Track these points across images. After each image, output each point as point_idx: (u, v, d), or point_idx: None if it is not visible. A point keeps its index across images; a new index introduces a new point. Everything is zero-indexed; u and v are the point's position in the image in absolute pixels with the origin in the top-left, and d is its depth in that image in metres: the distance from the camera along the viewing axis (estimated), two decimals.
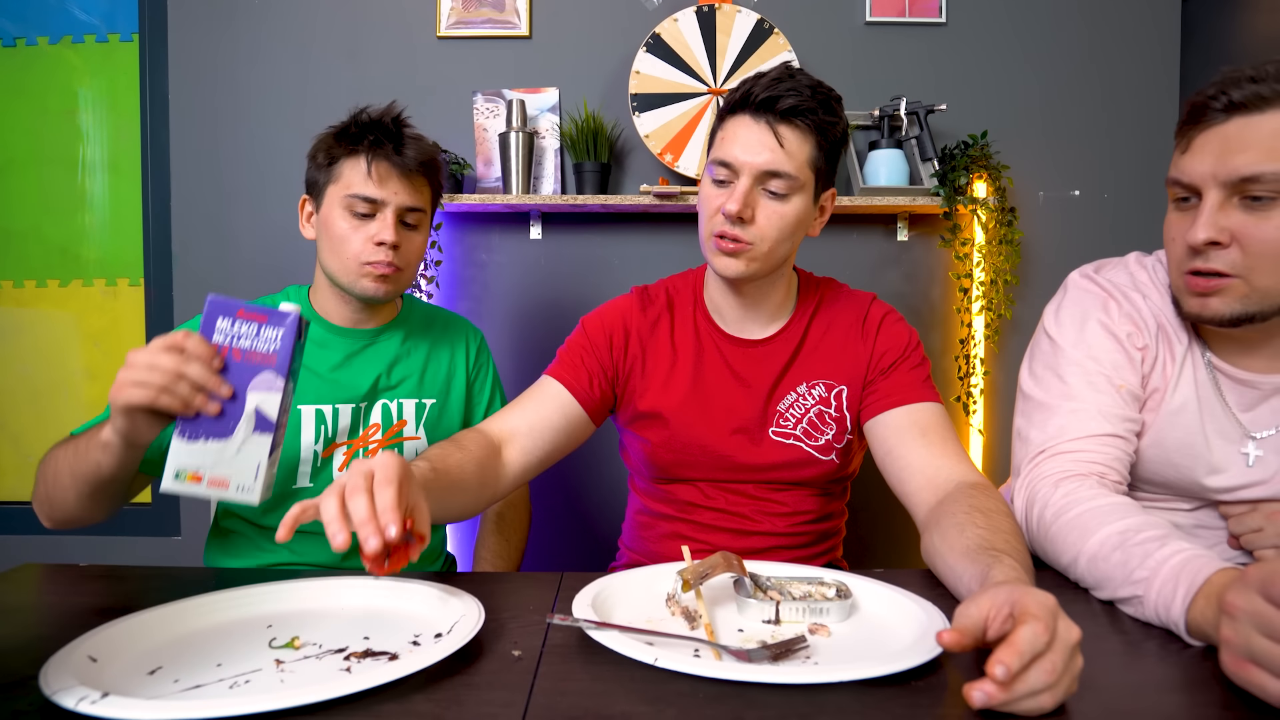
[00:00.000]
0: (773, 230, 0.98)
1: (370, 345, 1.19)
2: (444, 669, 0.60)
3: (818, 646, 0.66)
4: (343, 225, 1.09)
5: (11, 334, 2.08)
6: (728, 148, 0.97)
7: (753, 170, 0.96)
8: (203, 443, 0.74)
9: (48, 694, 0.52)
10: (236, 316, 0.75)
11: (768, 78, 0.96)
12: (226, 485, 0.74)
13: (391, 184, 1.09)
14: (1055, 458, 0.90)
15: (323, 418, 1.13)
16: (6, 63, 2.04)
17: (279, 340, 0.75)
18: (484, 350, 1.32)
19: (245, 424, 0.75)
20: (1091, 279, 1.00)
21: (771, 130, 0.95)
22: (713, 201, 0.99)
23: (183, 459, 0.74)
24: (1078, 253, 1.88)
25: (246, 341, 0.75)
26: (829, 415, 1.06)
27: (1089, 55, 1.89)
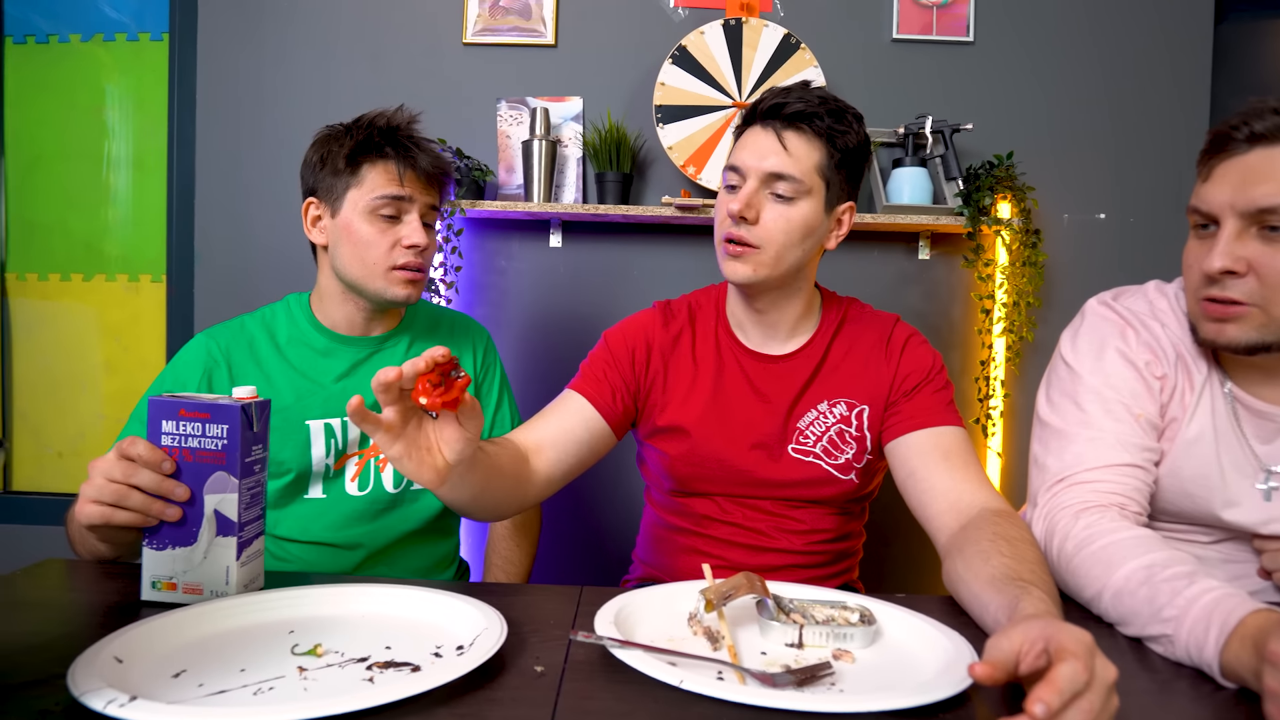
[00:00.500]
0: (779, 233, 0.99)
1: (376, 352, 1.18)
2: (466, 683, 0.59)
3: (843, 673, 0.66)
4: (368, 229, 1.09)
5: (35, 327, 2.10)
6: (738, 154, 1.02)
7: (758, 173, 0.98)
8: (170, 551, 0.75)
9: (76, 694, 0.52)
10: (179, 416, 0.73)
11: (777, 89, 1.00)
12: (200, 591, 0.75)
13: (417, 185, 1.11)
14: (1074, 487, 0.90)
15: (332, 431, 1.13)
16: (38, 59, 2.07)
17: (226, 436, 0.73)
18: (491, 351, 1.31)
19: (207, 528, 0.74)
20: (1110, 306, 0.99)
21: (776, 135, 0.98)
22: (723, 206, 1.02)
23: (155, 569, 0.75)
24: (1101, 276, 1.87)
25: (194, 441, 0.74)
26: (849, 434, 1.06)
27: (1119, 78, 1.88)
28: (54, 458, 2.11)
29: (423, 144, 1.12)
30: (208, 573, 0.75)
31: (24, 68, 2.07)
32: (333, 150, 1.11)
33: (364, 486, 1.14)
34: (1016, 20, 1.89)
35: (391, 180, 1.09)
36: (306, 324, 1.17)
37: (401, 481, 1.17)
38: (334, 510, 1.13)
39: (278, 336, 1.16)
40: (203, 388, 1.10)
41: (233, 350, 1.13)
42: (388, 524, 1.16)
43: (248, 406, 0.75)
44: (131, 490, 0.73)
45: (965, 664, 0.63)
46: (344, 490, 1.14)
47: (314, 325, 1.17)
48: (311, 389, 1.13)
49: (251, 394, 0.78)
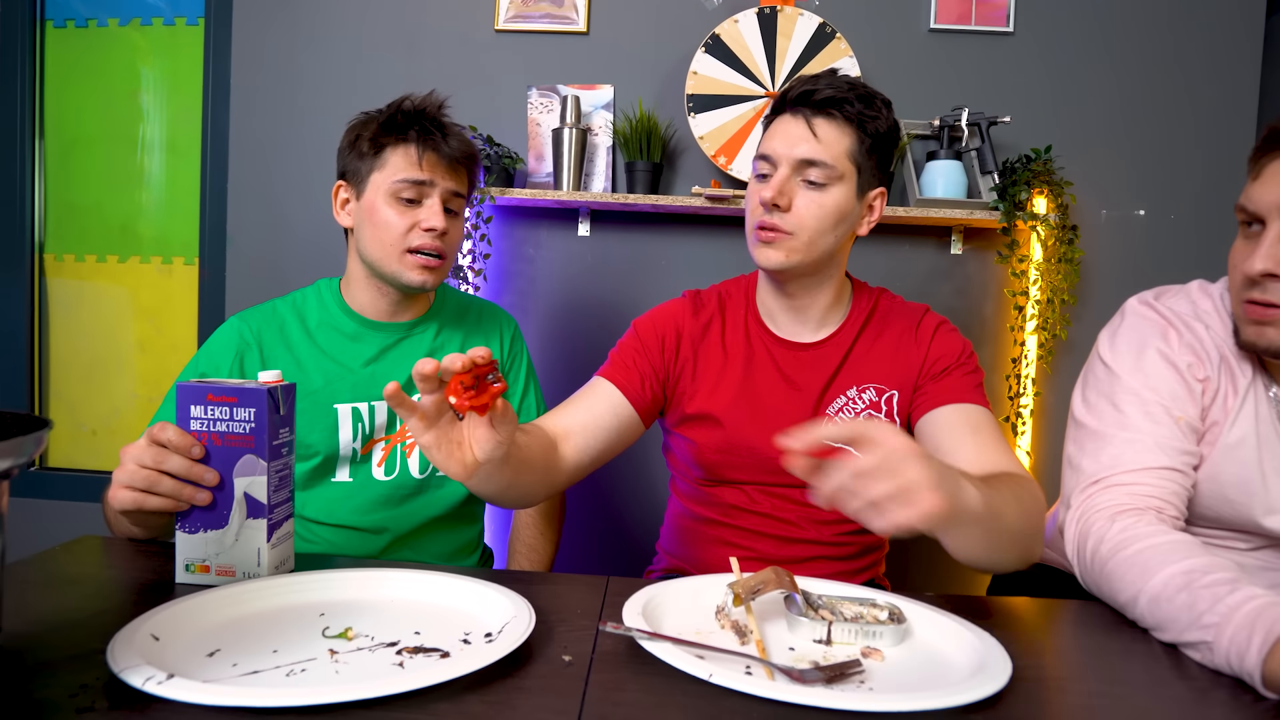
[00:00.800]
0: (811, 219, 0.99)
1: (405, 339, 1.19)
2: (495, 670, 0.60)
3: (872, 671, 0.65)
4: (388, 212, 1.10)
5: (72, 306, 2.15)
6: (768, 142, 1.02)
7: (789, 160, 0.99)
8: (202, 534, 0.76)
9: (115, 670, 0.53)
10: (208, 401, 0.74)
11: (806, 77, 1.01)
12: (233, 573, 0.76)
13: (439, 170, 1.11)
14: (1110, 489, 0.88)
15: (359, 415, 1.14)
16: (77, 42, 2.10)
17: (253, 419, 0.74)
18: (518, 339, 1.31)
19: (238, 511, 0.75)
20: (1151, 306, 0.97)
21: (806, 122, 0.99)
22: (754, 195, 1.02)
23: (188, 551, 0.76)
24: (1140, 274, 1.83)
25: (223, 425, 0.75)
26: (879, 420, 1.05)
27: (1162, 70, 1.83)
28: (89, 435, 2.16)
29: (449, 129, 1.12)
30: (239, 555, 0.76)
31: (64, 51, 2.11)
32: (361, 134, 1.12)
33: (390, 472, 1.15)
34: (1058, 11, 1.84)
35: (412, 164, 1.09)
36: (336, 308, 1.18)
37: (427, 468, 1.17)
38: (360, 494, 1.14)
39: (308, 320, 1.17)
40: (235, 370, 1.12)
41: (264, 333, 1.14)
42: (413, 509, 1.17)
43: (274, 390, 0.75)
44: (162, 476, 0.74)
45: (997, 665, 0.62)
46: (370, 475, 1.15)
47: (344, 310, 1.17)
48: (340, 373, 1.14)
49: (277, 377, 0.79)
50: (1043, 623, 0.80)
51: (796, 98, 1.00)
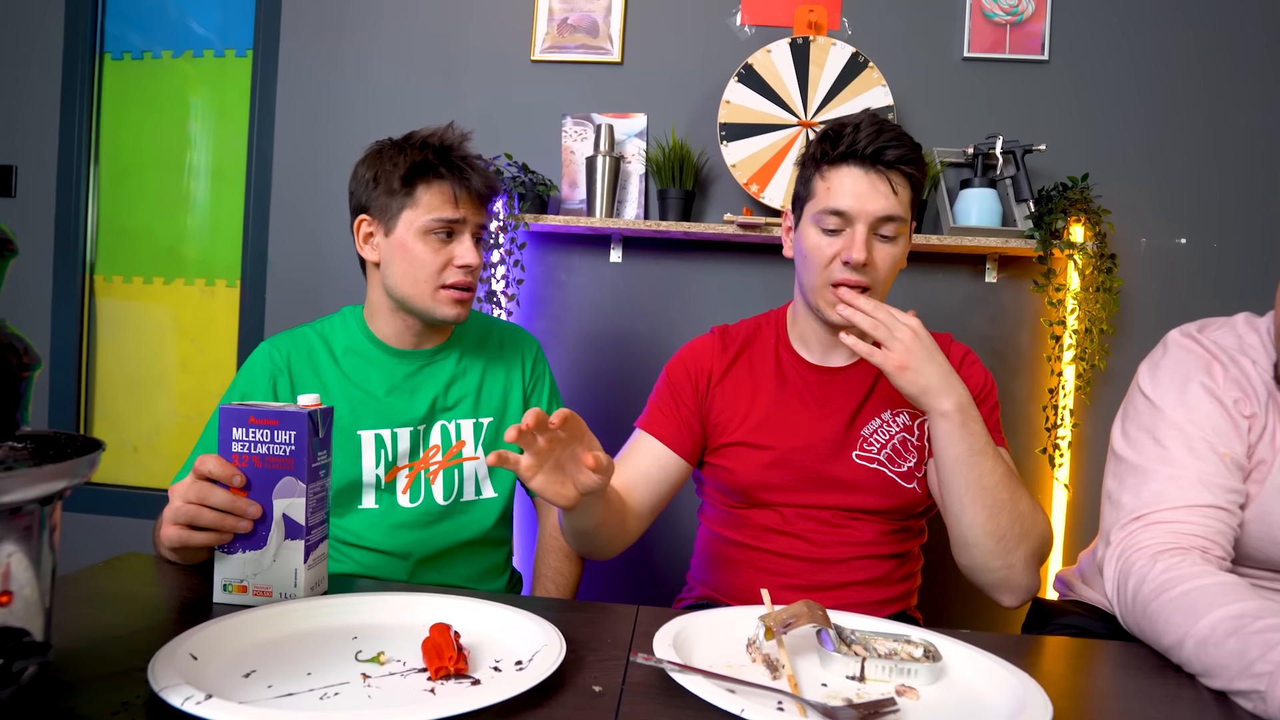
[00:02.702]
0: (886, 272, 1.04)
1: (426, 366, 1.19)
2: (526, 699, 0.59)
3: (907, 710, 0.64)
4: (421, 248, 1.10)
5: (118, 326, 2.21)
6: (840, 198, 1.01)
7: (869, 217, 1.00)
8: (241, 554, 0.78)
9: (156, 689, 0.54)
10: (249, 424, 0.77)
11: (867, 129, 1.01)
12: (270, 593, 0.78)
13: (470, 206, 1.12)
14: (1152, 527, 0.85)
15: (382, 442, 1.14)
16: (133, 74, 2.19)
17: (294, 442, 0.76)
18: (540, 360, 1.30)
19: (276, 532, 0.77)
20: (1195, 339, 0.95)
21: (886, 179, 1.01)
22: (824, 250, 1.03)
23: (227, 572, 0.78)
24: (1182, 304, 1.79)
25: (264, 447, 0.77)
26: (911, 443, 1.10)
27: (1203, 95, 1.81)
28: (131, 452, 2.21)
29: (475, 164, 1.13)
30: (277, 575, 0.77)
31: (119, 82, 2.19)
32: (385, 169, 1.11)
33: (415, 499, 1.16)
34: (1095, 38, 1.83)
35: (447, 202, 1.10)
36: (361, 335, 1.19)
37: (451, 493, 1.18)
38: (386, 520, 1.15)
39: (334, 347, 1.19)
40: (268, 394, 1.14)
41: (293, 358, 1.16)
42: (439, 533, 1.18)
43: (314, 413, 0.78)
44: (203, 509, 0.76)
45: (1036, 707, 0.61)
46: (395, 502, 1.15)
47: (368, 337, 1.19)
48: (364, 400, 1.15)
49: (316, 401, 0.81)
50: (1082, 664, 0.77)
51: (872, 154, 1.00)
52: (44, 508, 0.49)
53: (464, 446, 1.19)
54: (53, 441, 0.57)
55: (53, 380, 2.17)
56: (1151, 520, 0.86)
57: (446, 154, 1.11)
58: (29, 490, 0.47)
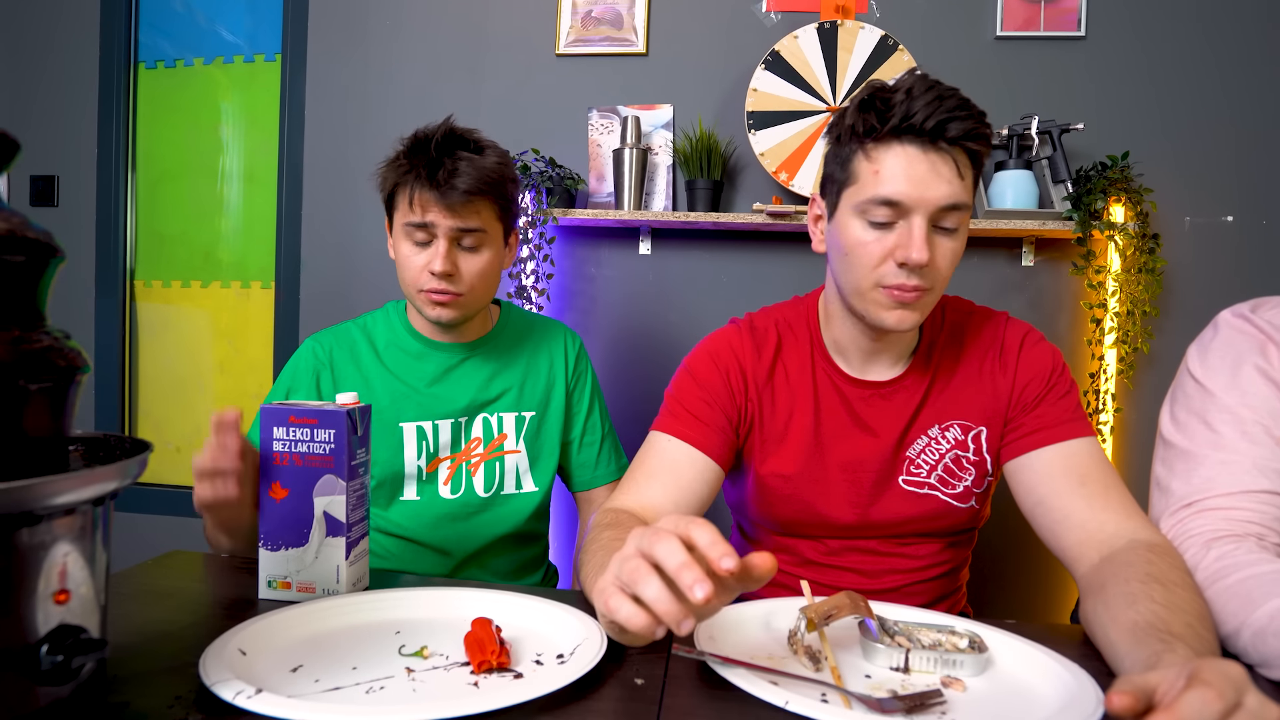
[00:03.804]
0: (947, 269, 0.87)
1: (468, 359, 1.19)
2: (568, 692, 0.60)
3: (953, 701, 0.63)
4: (404, 251, 1.10)
5: (159, 329, 2.26)
6: (893, 184, 0.83)
7: (930, 207, 0.83)
8: (284, 551, 0.79)
9: (207, 684, 0.55)
10: (289, 423, 0.77)
11: (924, 97, 0.82)
12: (314, 589, 0.78)
13: (435, 211, 1.05)
14: (1204, 514, 0.83)
15: (424, 434, 1.15)
16: (166, 82, 2.23)
17: (333, 440, 0.77)
18: (583, 357, 1.29)
19: (317, 529, 0.78)
20: (1247, 319, 0.91)
21: (951, 160, 0.83)
22: (873, 249, 0.86)
23: (271, 569, 0.79)
24: (1229, 285, 1.74)
25: (304, 446, 0.77)
26: (966, 460, 0.96)
27: (1247, 68, 1.75)
28: (173, 452, 2.26)
29: (458, 164, 1.03)
30: (319, 572, 0.78)
31: (154, 90, 2.24)
32: (382, 172, 1.11)
33: (456, 490, 1.17)
34: (1133, 12, 1.78)
35: (412, 208, 1.06)
36: (403, 329, 1.21)
37: (492, 486, 1.18)
38: (428, 512, 1.17)
39: (376, 341, 1.20)
40: (312, 389, 1.16)
41: (335, 353, 1.18)
42: (479, 526, 1.19)
43: (352, 412, 0.78)
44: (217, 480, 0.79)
45: (1089, 698, 0.59)
46: (437, 493, 1.17)
47: (409, 330, 1.20)
48: (406, 393, 1.16)
49: (354, 400, 0.81)
50: None
51: (933, 128, 0.81)
52: (96, 508, 0.50)
53: (505, 440, 1.19)
54: (102, 443, 0.58)
55: (98, 384, 2.23)
56: (1203, 507, 0.83)
57: (418, 155, 1.05)
58: (82, 491, 0.48)
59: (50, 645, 0.47)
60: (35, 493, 0.45)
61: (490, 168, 1.06)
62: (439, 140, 1.05)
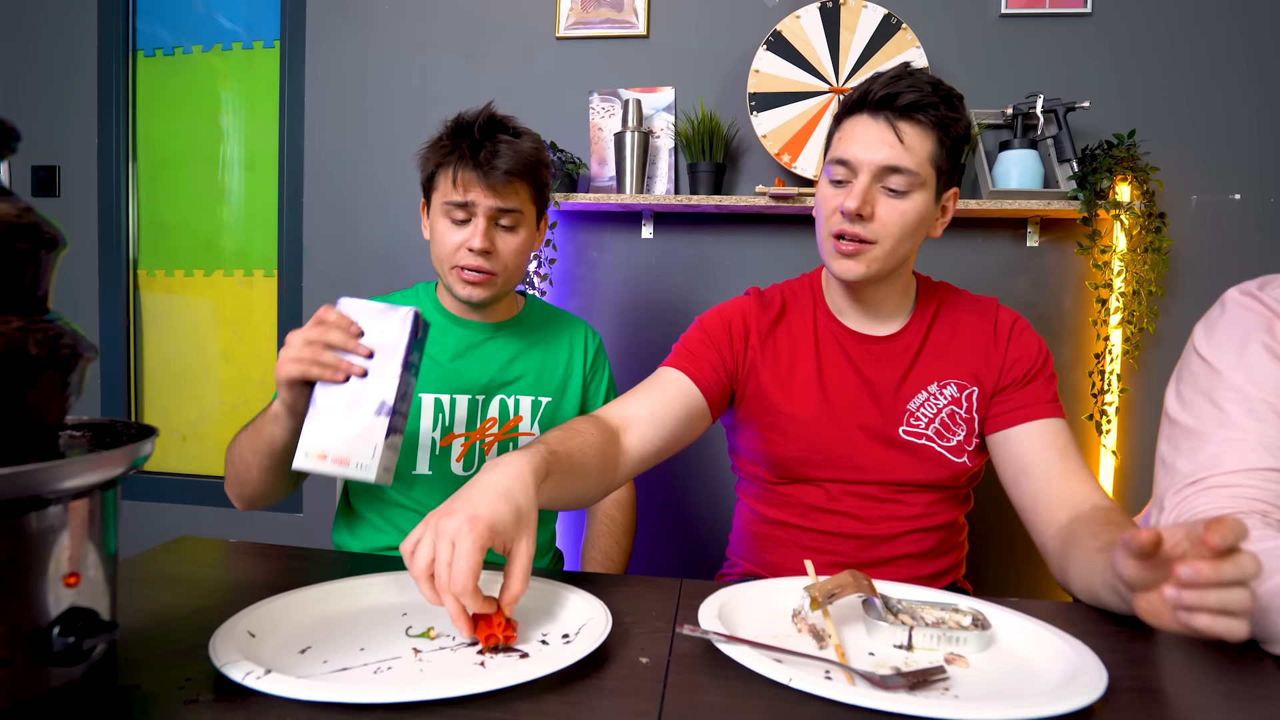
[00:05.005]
0: (894, 227, 0.97)
1: (490, 339, 1.22)
2: (574, 671, 0.60)
3: (957, 678, 0.63)
4: (441, 229, 1.13)
5: (162, 318, 2.27)
6: (845, 146, 0.97)
7: (872, 167, 0.95)
8: (329, 425, 0.82)
9: (217, 665, 0.56)
10: (364, 316, 0.84)
11: (885, 76, 0.96)
12: (347, 463, 0.81)
13: (477, 190, 1.10)
14: (1209, 491, 0.83)
15: (440, 406, 1.17)
16: (165, 70, 2.22)
17: (397, 336, 0.83)
18: (601, 353, 1.33)
19: (366, 406, 0.82)
20: (1255, 297, 0.91)
21: (891, 126, 0.95)
22: (830, 202, 0.99)
23: (310, 440, 0.82)
24: (1236, 263, 1.72)
25: (370, 335, 0.84)
26: (960, 416, 1.05)
27: (1254, 45, 1.73)
28: (179, 441, 2.27)
29: (499, 146, 1.09)
30: (357, 447, 0.81)
31: (153, 79, 2.23)
32: (424, 154, 1.16)
33: (469, 467, 1.19)
34: None
35: (454, 186, 1.10)
36: (430, 305, 1.23)
37: None
38: (439, 486, 1.18)
39: None
40: None
41: None
42: None
43: (419, 314, 0.85)
44: (325, 348, 0.83)
45: (1090, 673, 0.60)
46: (449, 469, 1.19)
47: (436, 307, 1.23)
48: (427, 364, 1.18)
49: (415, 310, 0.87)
50: (1137, 630, 0.76)
51: (879, 100, 0.95)
52: (104, 492, 0.51)
53: (521, 422, 1.22)
54: (109, 429, 0.58)
55: (103, 374, 2.24)
56: (1208, 485, 0.83)
57: (462, 136, 1.10)
58: (90, 475, 0.48)
59: (61, 627, 0.47)
60: (44, 477, 0.45)
61: (528, 151, 1.12)
62: (481, 124, 1.10)
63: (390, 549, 1.17)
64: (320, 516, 2.12)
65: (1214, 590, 0.57)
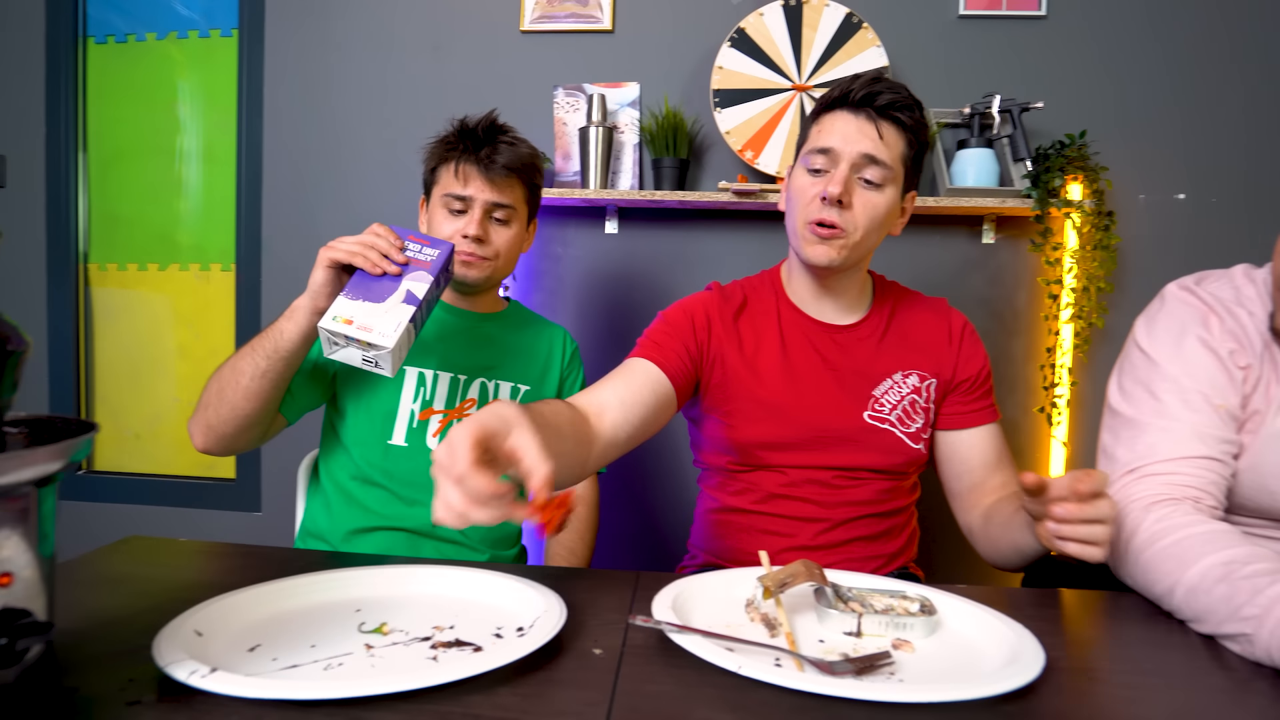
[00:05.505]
0: (865, 218, 1.03)
1: (476, 327, 1.29)
2: (527, 663, 0.60)
3: (902, 663, 0.65)
4: (438, 219, 1.23)
5: (115, 314, 2.21)
6: (826, 137, 1.03)
7: (852, 156, 1.01)
8: (361, 302, 0.96)
9: (161, 665, 0.55)
10: (409, 240, 1.03)
11: (864, 79, 1.03)
12: (370, 331, 0.93)
13: (476, 183, 1.20)
14: (1146, 479, 0.86)
15: (423, 380, 1.22)
16: (118, 58, 2.16)
17: (434, 256, 1.02)
18: (578, 357, 1.41)
19: (397, 296, 0.97)
20: (1192, 291, 0.95)
21: (872, 122, 1.02)
22: (809, 190, 1.03)
23: (341, 309, 0.95)
24: (1182, 260, 1.78)
25: (412, 253, 1.02)
26: (919, 405, 1.11)
27: (1201, 50, 1.78)
28: (132, 439, 2.22)
29: (499, 145, 1.20)
30: (383, 321, 0.94)
31: (104, 67, 2.17)
32: (427, 151, 1.27)
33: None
34: None
35: (456, 179, 1.21)
36: None
37: None
38: (414, 459, 1.20)
39: None
40: None
41: None
42: None
43: (453, 248, 1.06)
44: (373, 248, 0.99)
45: (1029, 656, 0.62)
46: (424, 443, 1.21)
47: None
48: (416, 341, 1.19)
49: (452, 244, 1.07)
50: (1077, 614, 0.78)
51: (861, 98, 1.01)
52: (40, 489, 0.50)
53: None
54: (48, 425, 0.57)
55: (51, 371, 2.17)
56: (1146, 473, 0.86)
57: (465, 136, 1.21)
58: (23, 472, 0.47)
59: None
60: None
61: (526, 153, 1.25)
62: (485, 126, 1.23)
63: (366, 529, 1.17)
64: (279, 516, 2.09)
65: (1081, 525, 0.74)
